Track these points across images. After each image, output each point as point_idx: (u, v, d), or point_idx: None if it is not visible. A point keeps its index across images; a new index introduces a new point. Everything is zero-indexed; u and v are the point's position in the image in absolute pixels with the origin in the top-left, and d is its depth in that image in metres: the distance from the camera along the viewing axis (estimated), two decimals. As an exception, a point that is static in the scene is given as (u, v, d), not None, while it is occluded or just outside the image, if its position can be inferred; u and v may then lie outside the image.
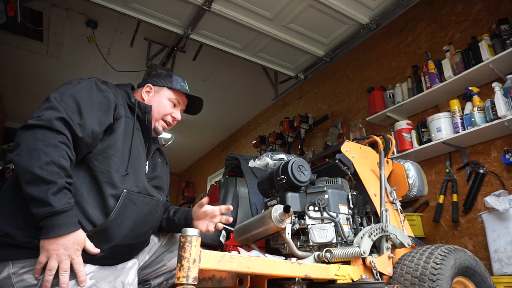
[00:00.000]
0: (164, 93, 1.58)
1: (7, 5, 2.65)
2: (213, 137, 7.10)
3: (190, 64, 4.50)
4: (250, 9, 3.20)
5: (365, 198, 1.86)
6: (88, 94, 1.26)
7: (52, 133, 1.11)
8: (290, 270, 1.29)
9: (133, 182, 1.29)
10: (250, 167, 2.43)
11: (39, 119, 1.11)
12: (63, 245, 1.07)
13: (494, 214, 2.21)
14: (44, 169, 1.05)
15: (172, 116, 1.59)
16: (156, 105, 1.54)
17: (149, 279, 1.52)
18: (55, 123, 1.11)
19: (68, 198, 1.10)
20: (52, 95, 1.19)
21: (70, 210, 1.10)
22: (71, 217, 1.10)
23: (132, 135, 1.36)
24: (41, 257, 1.07)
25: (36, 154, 1.06)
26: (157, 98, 1.57)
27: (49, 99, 1.18)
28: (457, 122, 2.62)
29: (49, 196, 1.05)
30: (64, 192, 1.09)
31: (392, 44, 3.59)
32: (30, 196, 1.05)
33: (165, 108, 1.56)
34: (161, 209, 1.45)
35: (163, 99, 1.57)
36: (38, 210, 1.05)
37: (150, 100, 1.55)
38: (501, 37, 2.49)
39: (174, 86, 1.59)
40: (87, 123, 1.19)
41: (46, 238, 1.07)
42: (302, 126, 4.46)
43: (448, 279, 1.41)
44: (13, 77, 4.91)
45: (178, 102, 1.61)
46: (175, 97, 1.60)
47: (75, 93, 1.23)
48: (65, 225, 1.08)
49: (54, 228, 1.06)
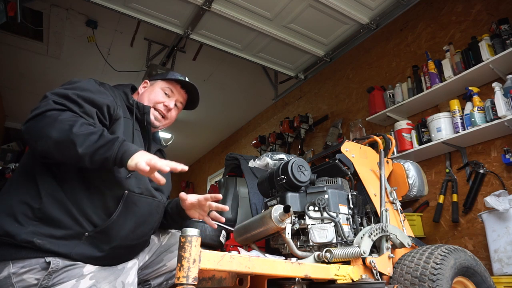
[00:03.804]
0: (157, 84, 1.58)
1: (7, 5, 2.65)
2: (213, 137, 7.10)
3: (190, 64, 4.50)
4: (250, 9, 3.20)
5: (365, 198, 1.85)
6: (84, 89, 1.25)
7: (59, 111, 1.12)
8: (290, 270, 1.29)
9: (135, 183, 1.29)
10: (250, 167, 2.43)
11: (38, 108, 1.12)
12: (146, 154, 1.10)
13: (494, 214, 2.21)
14: (82, 128, 1.08)
15: (165, 104, 1.52)
16: (147, 93, 1.54)
17: (149, 279, 1.52)
18: (56, 105, 1.13)
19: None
20: (48, 93, 1.19)
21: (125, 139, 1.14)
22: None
23: (133, 136, 1.36)
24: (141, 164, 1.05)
25: (64, 124, 1.07)
26: (150, 89, 1.57)
27: (45, 95, 1.19)
28: (457, 122, 2.62)
29: (106, 136, 1.09)
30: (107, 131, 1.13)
31: (392, 44, 3.59)
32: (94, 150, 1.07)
33: (156, 95, 1.52)
34: (162, 210, 1.45)
35: (155, 88, 1.56)
36: (112, 150, 1.08)
37: (144, 93, 1.55)
38: (501, 37, 2.49)
39: (167, 77, 1.58)
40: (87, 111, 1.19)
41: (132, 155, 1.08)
42: (302, 126, 4.46)
43: (448, 279, 1.41)
44: (13, 77, 4.92)
45: (171, 92, 1.57)
46: (167, 85, 1.56)
47: (71, 89, 1.22)
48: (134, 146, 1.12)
49: (131, 148, 1.10)
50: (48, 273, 1.10)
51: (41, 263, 1.11)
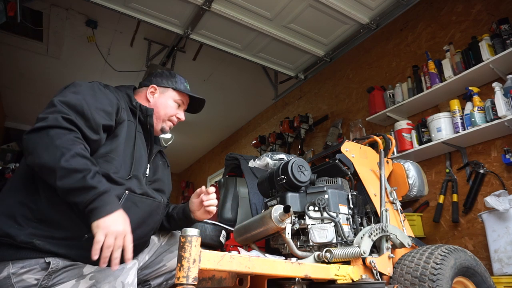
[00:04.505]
0: (169, 94, 1.59)
1: (7, 5, 2.65)
2: (213, 137, 7.09)
3: (190, 64, 4.50)
4: (250, 9, 3.20)
5: (365, 198, 1.85)
6: (92, 96, 1.26)
7: (64, 130, 1.11)
8: (290, 270, 1.29)
9: (136, 184, 1.30)
10: (250, 167, 2.43)
11: (46, 121, 1.10)
12: (117, 222, 1.08)
13: (494, 214, 2.21)
14: (72, 161, 1.06)
15: (177, 117, 1.62)
16: (162, 106, 1.56)
17: (149, 280, 1.52)
18: (63, 122, 1.12)
19: (104, 180, 1.12)
20: (55, 99, 1.18)
21: (111, 190, 1.11)
22: (114, 197, 1.12)
23: (135, 138, 1.37)
24: (99, 236, 1.04)
25: (57, 151, 1.06)
26: (162, 99, 1.58)
27: (52, 103, 1.18)
28: (457, 122, 2.62)
29: (89, 181, 1.06)
30: (98, 175, 1.10)
31: (392, 44, 3.59)
32: (69, 189, 1.05)
33: (171, 109, 1.59)
34: (162, 211, 1.45)
35: (168, 100, 1.59)
36: (83, 197, 1.05)
37: (156, 101, 1.56)
38: (501, 37, 2.49)
39: (178, 87, 1.61)
40: (92, 124, 1.19)
41: (99, 218, 1.06)
42: (302, 126, 4.46)
43: (448, 279, 1.41)
44: (13, 77, 4.91)
45: (182, 103, 1.64)
46: (179, 98, 1.62)
47: (78, 95, 1.22)
48: (113, 203, 1.09)
49: (105, 207, 1.07)
50: (48, 273, 1.10)
51: (41, 263, 1.11)
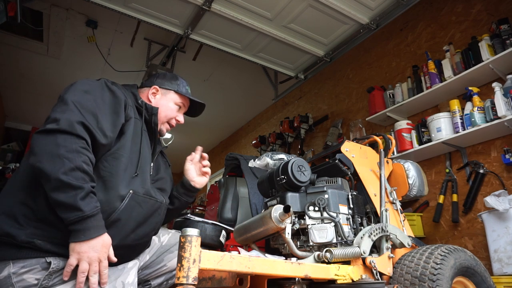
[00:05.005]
0: (170, 97, 1.61)
1: (7, 5, 2.65)
2: (213, 137, 7.10)
3: (190, 64, 4.50)
4: (250, 9, 3.20)
5: (365, 198, 1.85)
6: (101, 96, 1.27)
7: (73, 138, 1.11)
8: (290, 270, 1.29)
9: (140, 183, 1.30)
10: (250, 167, 2.43)
11: (58, 123, 1.11)
12: (93, 248, 1.09)
13: (494, 214, 2.21)
14: (69, 175, 1.06)
15: (177, 119, 1.63)
16: (163, 108, 1.57)
17: (149, 280, 1.52)
18: (76, 127, 1.12)
19: (94, 202, 1.12)
20: (67, 97, 1.18)
21: (97, 214, 1.12)
22: (99, 221, 1.12)
23: (141, 136, 1.38)
24: (72, 260, 1.08)
25: (59, 161, 1.07)
26: (164, 101, 1.59)
27: (64, 101, 1.17)
28: (457, 122, 2.62)
29: (78, 201, 1.06)
30: (90, 196, 1.11)
31: (392, 44, 3.59)
32: (58, 202, 1.07)
33: (172, 112, 1.60)
34: (164, 211, 1.44)
35: (169, 102, 1.60)
36: (68, 215, 1.07)
37: (157, 103, 1.57)
38: (501, 37, 2.49)
39: (180, 90, 1.62)
40: (104, 127, 1.20)
41: (77, 242, 1.08)
42: (302, 126, 4.46)
43: (448, 279, 1.41)
44: (13, 77, 4.92)
45: (183, 106, 1.65)
46: (181, 100, 1.63)
47: (89, 95, 1.23)
48: (94, 228, 1.10)
49: (85, 232, 1.08)
50: (48, 273, 1.11)
51: (41, 263, 1.11)
